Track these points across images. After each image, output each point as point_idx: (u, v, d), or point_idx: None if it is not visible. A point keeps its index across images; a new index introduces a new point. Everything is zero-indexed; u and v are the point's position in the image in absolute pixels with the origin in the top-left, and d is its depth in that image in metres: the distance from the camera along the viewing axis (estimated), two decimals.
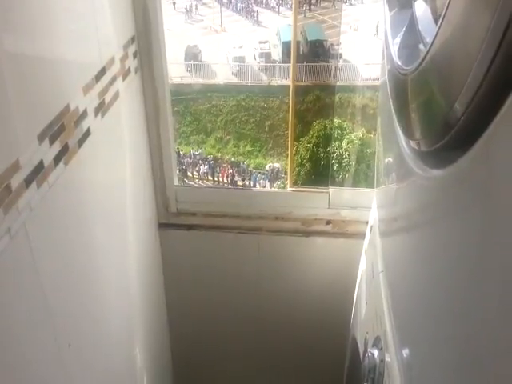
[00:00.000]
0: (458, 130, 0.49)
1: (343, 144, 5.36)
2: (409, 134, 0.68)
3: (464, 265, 0.50)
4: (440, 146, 0.54)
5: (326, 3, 9.29)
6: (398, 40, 0.78)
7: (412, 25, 0.76)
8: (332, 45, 8.52)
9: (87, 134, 1.08)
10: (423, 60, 0.57)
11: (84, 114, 1.06)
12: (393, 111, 0.78)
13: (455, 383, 0.52)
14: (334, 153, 5.11)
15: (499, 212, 0.43)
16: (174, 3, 9.02)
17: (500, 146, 0.43)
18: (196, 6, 9.68)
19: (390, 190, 0.91)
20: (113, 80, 1.22)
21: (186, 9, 9.53)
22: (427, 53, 0.55)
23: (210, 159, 8.53)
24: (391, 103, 0.79)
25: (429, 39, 0.68)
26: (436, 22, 0.68)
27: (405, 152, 0.71)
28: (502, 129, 0.42)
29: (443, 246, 0.58)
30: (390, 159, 0.91)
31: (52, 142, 0.93)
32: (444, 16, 0.50)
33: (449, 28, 0.50)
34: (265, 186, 7.81)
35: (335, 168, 4.88)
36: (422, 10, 0.75)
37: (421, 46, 0.69)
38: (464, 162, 0.49)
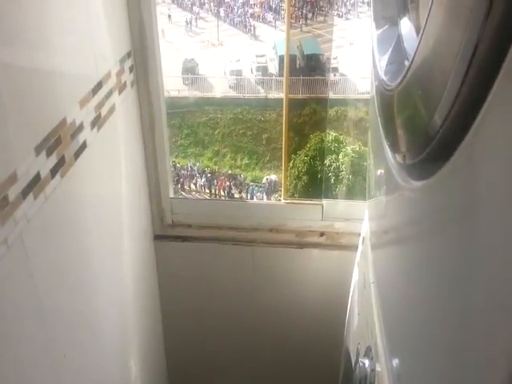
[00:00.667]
0: (437, 141, 0.50)
1: (340, 157, 5.38)
2: (395, 148, 0.70)
3: (450, 275, 0.52)
4: (423, 158, 0.56)
5: (322, 17, 9.38)
6: (385, 57, 0.81)
7: (398, 42, 0.79)
8: (328, 59, 8.58)
9: (83, 146, 1.10)
10: (406, 74, 0.59)
11: (80, 127, 1.08)
12: (380, 127, 0.80)
13: None
14: (330, 166, 5.13)
15: (480, 219, 0.44)
16: (170, 16, 9.08)
17: (477, 155, 0.45)
18: (194, 19, 9.77)
19: (380, 202, 0.93)
20: (109, 94, 1.24)
21: (186, 21, 9.62)
22: (409, 67, 0.58)
23: (207, 172, 8.53)
24: (379, 119, 0.81)
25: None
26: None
27: (392, 165, 0.73)
28: (478, 138, 0.44)
29: (430, 256, 0.59)
30: (379, 172, 0.93)
31: (49, 154, 0.95)
32: (423, 32, 0.52)
33: (428, 43, 0.52)
34: (262, 199, 7.81)
35: (332, 181, 4.90)
36: (407, 27, 0.77)
37: (406, 63, 0.72)
38: (443, 173, 0.51)
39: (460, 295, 0.49)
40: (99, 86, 1.18)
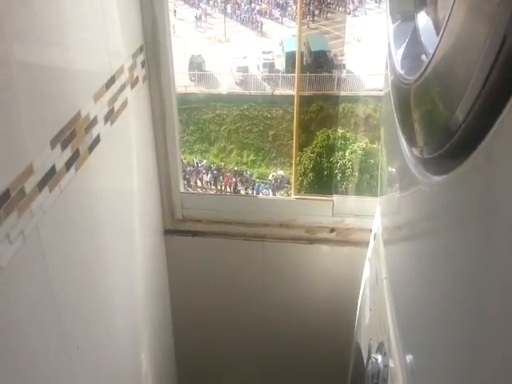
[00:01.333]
0: (459, 136, 0.50)
1: (346, 154, 5.37)
2: (412, 141, 0.70)
3: (467, 272, 0.51)
4: (442, 153, 0.56)
5: (330, 14, 9.36)
6: (400, 51, 0.81)
7: (414, 36, 0.79)
8: (335, 55, 8.57)
9: (97, 140, 1.10)
10: (425, 70, 0.59)
11: (94, 121, 1.09)
12: (396, 120, 0.80)
13: None
14: (337, 163, 5.13)
15: (500, 218, 0.44)
16: (175, 11, 9.07)
17: (499, 152, 0.45)
18: (201, 16, 9.77)
19: (394, 198, 0.93)
20: (122, 88, 1.25)
21: (195, 16, 9.61)
22: (429, 63, 0.57)
23: (213, 168, 8.55)
24: (394, 113, 0.81)
25: (431, 50, 0.70)
26: (438, 33, 0.70)
27: (408, 160, 0.73)
28: (501, 135, 0.44)
29: (446, 252, 0.59)
30: (394, 168, 0.92)
31: (64, 147, 0.95)
32: (445, 27, 0.52)
33: (450, 38, 0.52)
34: (268, 195, 7.82)
35: (338, 178, 4.89)
36: (424, 21, 0.77)
37: (423, 57, 0.72)
38: (464, 168, 0.50)
39: (476, 293, 0.48)
40: (112, 80, 1.19)
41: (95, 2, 1.11)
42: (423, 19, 0.78)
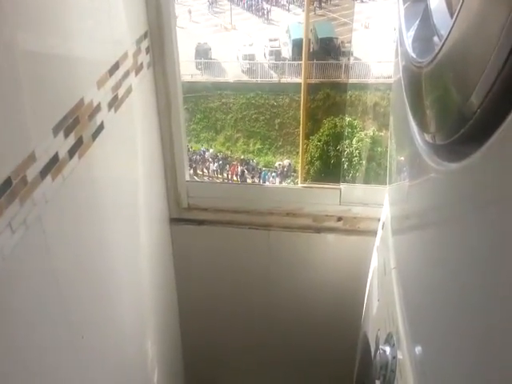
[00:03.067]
0: (473, 122, 0.48)
1: (353, 142, 5.34)
2: (424, 127, 0.68)
3: (479, 262, 0.50)
4: (455, 139, 0.54)
5: (337, 0, 9.25)
6: (411, 33, 0.78)
7: (426, 17, 0.76)
8: (342, 42, 8.48)
9: (101, 127, 1.09)
10: (438, 52, 0.56)
11: (98, 108, 1.07)
12: (407, 106, 0.78)
13: (470, 381, 0.52)
14: (344, 151, 5.10)
15: None
16: None
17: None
18: (210, 3, 9.70)
19: (403, 186, 0.91)
20: (126, 75, 1.23)
21: (209, 1, 9.54)
22: (443, 45, 0.55)
23: (219, 157, 8.54)
24: (405, 98, 0.79)
25: (443, 32, 0.67)
26: (451, 14, 0.67)
27: (419, 146, 0.71)
28: None
29: (458, 241, 0.57)
30: (404, 155, 0.90)
31: (67, 134, 0.94)
32: (461, 7, 0.50)
33: (466, 19, 0.49)
34: (274, 184, 7.81)
35: (345, 166, 4.86)
36: (436, 2, 0.74)
37: (435, 39, 0.69)
38: (480, 155, 0.48)
39: (489, 283, 0.47)
40: (116, 66, 1.17)
41: None
42: (435, 0, 0.75)
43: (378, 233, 1.23)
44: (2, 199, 0.75)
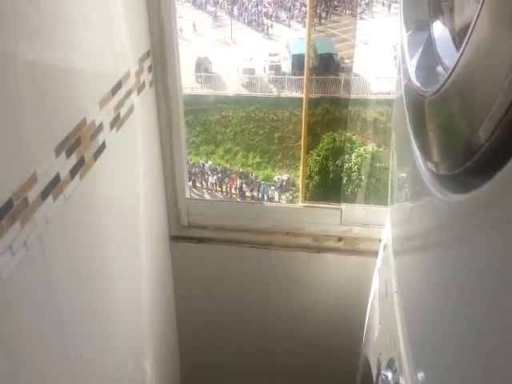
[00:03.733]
0: (480, 155, 0.48)
1: (353, 158, 5.35)
2: (427, 155, 0.68)
3: (483, 290, 0.50)
4: (461, 171, 0.53)
5: (337, 17, 9.34)
6: (414, 61, 0.78)
7: (429, 46, 0.76)
8: (342, 58, 8.54)
9: (103, 147, 1.09)
10: (444, 84, 0.56)
11: (100, 128, 1.07)
12: (409, 129, 0.78)
13: None
14: (343, 166, 5.11)
15: None
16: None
17: None
18: (211, 18, 9.78)
19: (405, 208, 0.90)
20: (128, 94, 1.23)
21: (212, 14, 9.63)
22: (448, 77, 0.55)
23: (218, 170, 8.55)
24: (408, 121, 0.79)
25: (447, 61, 0.67)
26: (455, 44, 0.68)
27: (422, 172, 0.71)
28: None
29: (462, 269, 0.57)
30: (405, 176, 0.90)
31: (68, 155, 0.94)
32: (469, 38, 0.50)
33: (474, 51, 0.49)
34: (273, 197, 7.80)
35: (344, 182, 4.87)
36: (440, 31, 0.75)
37: (439, 69, 0.69)
38: (488, 187, 0.48)
39: (493, 309, 0.47)
40: (119, 85, 1.17)
41: (102, 7, 1.10)
42: (439, 28, 0.75)
43: (380, 254, 1.22)
44: (3, 221, 0.75)
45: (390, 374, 0.86)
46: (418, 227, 0.82)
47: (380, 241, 1.24)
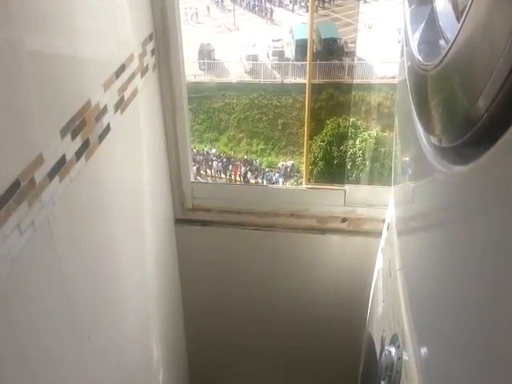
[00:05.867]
0: (480, 126, 0.49)
1: (357, 143, 5.34)
2: (429, 129, 0.68)
3: (485, 264, 0.50)
4: (462, 142, 0.54)
5: (340, 1, 9.24)
6: (417, 35, 0.78)
7: (432, 20, 0.76)
8: (346, 43, 8.47)
9: (107, 129, 1.09)
10: (445, 56, 0.57)
11: (104, 110, 1.08)
12: (412, 107, 0.78)
13: (476, 381, 0.52)
14: (347, 151, 5.09)
15: None
16: None
17: None
18: (216, 4, 9.71)
19: (409, 187, 0.91)
20: (132, 77, 1.23)
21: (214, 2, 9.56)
22: (449, 49, 0.55)
23: (222, 157, 8.54)
24: (411, 99, 0.79)
25: (450, 35, 0.67)
26: (457, 17, 0.68)
27: (425, 148, 0.71)
28: None
29: (464, 244, 0.57)
30: (409, 157, 0.91)
31: (74, 136, 0.95)
32: (468, 11, 0.50)
33: (473, 22, 0.50)
34: (278, 184, 7.80)
35: (349, 167, 4.86)
36: (442, 4, 0.75)
37: (441, 42, 0.69)
38: (487, 158, 0.48)
39: (496, 284, 0.47)
40: (122, 68, 1.17)
41: None
42: (441, 2, 0.75)
43: (383, 234, 1.23)
44: (11, 201, 0.76)
45: (393, 350, 0.87)
46: (421, 206, 0.82)
47: (383, 221, 1.25)
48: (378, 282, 1.18)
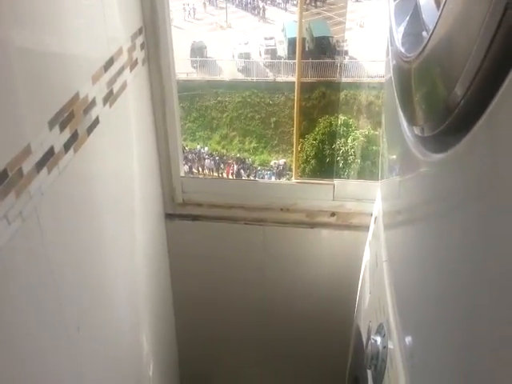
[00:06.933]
0: (458, 113, 0.50)
1: (349, 141, 5.36)
2: (413, 120, 0.69)
3: (466, 252, 0.51)
4: (441, 130, 0.55)
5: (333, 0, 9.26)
6: (401, 29, 0.80)
7: (416, 13, 0.77)
8: (338, 41, 8.49)
9: (96, 122, 1.10)
10: (425, 46, 0.58)
11: (93, 103, 1.08)
12: (397, 102, 0.79)
13: (456, 370, 0.53)
14: (339, 150, 5.11)
15: (500, 196, 0.43)
16: None
17: (498, 128, 0.44)
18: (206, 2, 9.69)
19: (394, 181, 0.92)
20: (121, 70, 1.24)
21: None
22: (429, 39, 0.57)
23: (215, 155, 8.54)
24: (395, 94, 0.80)
25: (431, 26, 0.69)
26: (438, 8, 0.69)
27: (408, 140, 0.72)
28: (499, 112, 0.43)
29: (446, 235, 0.58)
30: (394, 151, 0.92)
31: (62, 128, 0.95)
32: (445, 3, 0.51)
33: (450, 13, 0.51)
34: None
35: (341, 165, 4.88)
36: None
37: (424, 34, 0.71)
38: (463, 145, 0.50)
39: (476, 275, 0.48)
40: (111, 62, 1.18)
41: None
42: None
43: (371, 227, 1.24)
44: None
45: (379, 339, 0.88)
46: (405, 199, 0.83)
47: (371, 215, 1.26)
48: (366, 275, 1.20)
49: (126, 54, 1.27)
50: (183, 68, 8.25)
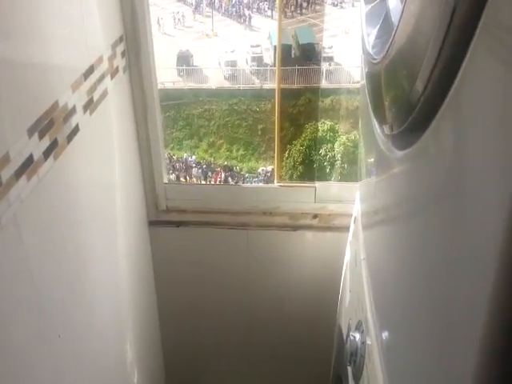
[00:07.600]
0: (418, 109, 0.52)
1: (335, 146, 5.39)
2: (383, 119, 0.71)
3: (438, 251, 0.52)
4: (406, 127, 0.57)
5: (318, 7, 9.34)
6: (373, 34, 0.82)
7: (386, 18, 0.80)
8: (323, 48, 8.56)
9: (76, 130, 1.10)
10: (390, 46, 0.60)
11: (73, 111, 1.08)
12: (369, 104, 0.81)
13: (430, 364, 0.54)
14: (326, 155, 5.14)
15: (466, 189, 0.44)
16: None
17: (452, 123, 0.46)
18: (192, 11, 9.72)
19: (371, 182, 0.94)
20: (101, 78, 1.24)
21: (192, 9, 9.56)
22: (392, 39, 0.59)
23: (202, 164, 8.53)
24: (368, 100, 0.82)
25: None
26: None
27: (379, 139, 0.74)
28: (452, 108, 0.45)
29: (417, 231, 0.60)
30: (369, 152, 0.94)
31: (41, 136, 0.95)
32: (405, 2, 0.54)
33: (409, 13, 0.53)
34: None
35: (327, 171, 4.91)
36: (394, 2, 0.78)
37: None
38: (423, 140, 0.52)
39: (448, 271, 0.49)
40: (91, 70, 1.18)
41: None
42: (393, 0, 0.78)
43: (351, 228, 1.26)
44: None
45: (357, 335, 0.90)
46: (380, 200, 0.85)
47: (352, 216, 1.28)
48: (346, 273, 1.21)
49: (107, 61, 1.28)
50: (170, 77, 8.24)
